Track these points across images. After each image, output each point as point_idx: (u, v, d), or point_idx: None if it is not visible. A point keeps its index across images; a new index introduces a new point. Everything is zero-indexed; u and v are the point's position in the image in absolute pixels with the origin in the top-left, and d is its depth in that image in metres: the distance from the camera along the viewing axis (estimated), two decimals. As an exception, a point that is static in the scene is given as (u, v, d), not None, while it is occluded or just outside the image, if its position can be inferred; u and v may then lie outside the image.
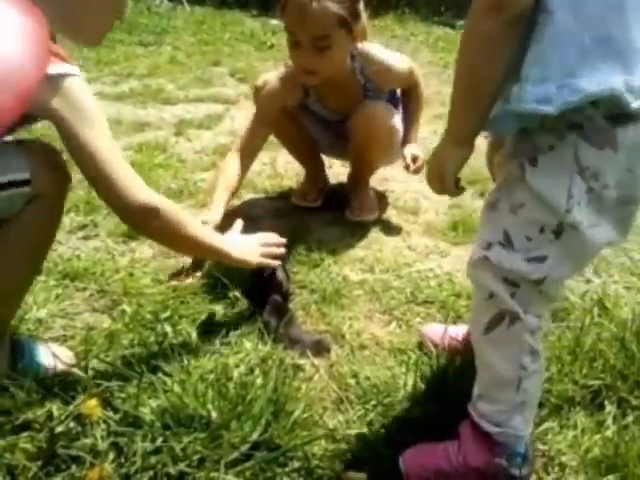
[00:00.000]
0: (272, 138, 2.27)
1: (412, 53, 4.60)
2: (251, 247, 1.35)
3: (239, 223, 1.44)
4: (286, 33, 1.66)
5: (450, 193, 0.97)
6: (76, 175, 1.08)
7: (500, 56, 0.80)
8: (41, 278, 1.45)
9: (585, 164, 0.79)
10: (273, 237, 1.42)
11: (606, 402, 1.12)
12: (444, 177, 0.93)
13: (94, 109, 1.01)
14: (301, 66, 1.70)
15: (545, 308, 0.91)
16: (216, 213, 1.61)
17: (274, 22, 6.31)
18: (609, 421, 1.08)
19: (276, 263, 1.38)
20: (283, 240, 1.43)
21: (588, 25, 0.76)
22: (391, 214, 2.01)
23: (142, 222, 1.09)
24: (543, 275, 0.86)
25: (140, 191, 1.05)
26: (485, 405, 0.94)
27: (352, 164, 2.02)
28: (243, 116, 3.12)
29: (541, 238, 0.85)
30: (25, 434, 0.99)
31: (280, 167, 2.40)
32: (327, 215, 2.00)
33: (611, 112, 0.77)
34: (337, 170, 2.27)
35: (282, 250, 1.40)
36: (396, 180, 2.28)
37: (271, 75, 1.92)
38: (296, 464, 0.96)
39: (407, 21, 6.45)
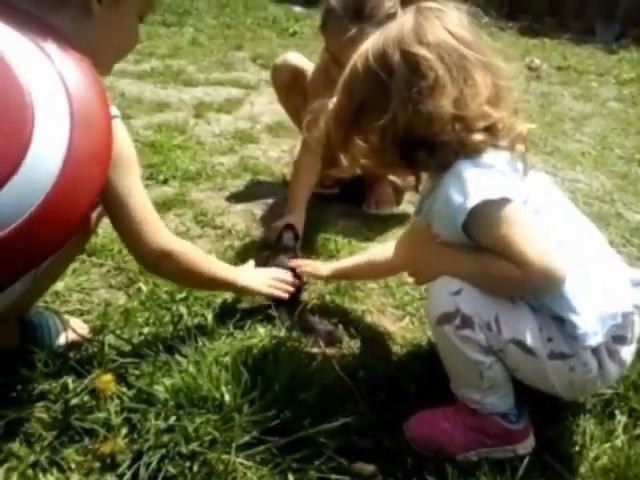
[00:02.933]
0: (291, 125, 2.28)
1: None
2: (262, 278, 1.34)
3: (251, 263, 1.43)
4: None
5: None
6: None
7: None
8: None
9: None
10: (288, 275, 1.40)
11: (617, 412, 1.12)
12: (423, 279, 1.08)
13: (131, 153, 1.02)
14: None
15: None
16: (299, 215, 1.67)
17: (297, 9, 6.27)
18: (619, 430, 1.07)
19: (284, 296, 1.35)
20: (296, 281, 1.40)
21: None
22: (408, 208, 2.00)
23: (157, 267, 1.12)
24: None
25: (160, 238, 1.06)
26: (458, 390, 1.02)
27: None
28: (263, 102, 3.13)
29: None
30: (41, 404, 1.01)
31: (298, 155, 2.39)
32: (344, 207, 2.00)
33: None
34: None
35: (292, 289, 1.38)
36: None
37: (292, 56, 1.92)
38: (306, 452, 0.96)
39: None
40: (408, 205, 2.03)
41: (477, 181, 0.88)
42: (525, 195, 0.92)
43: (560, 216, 0.99)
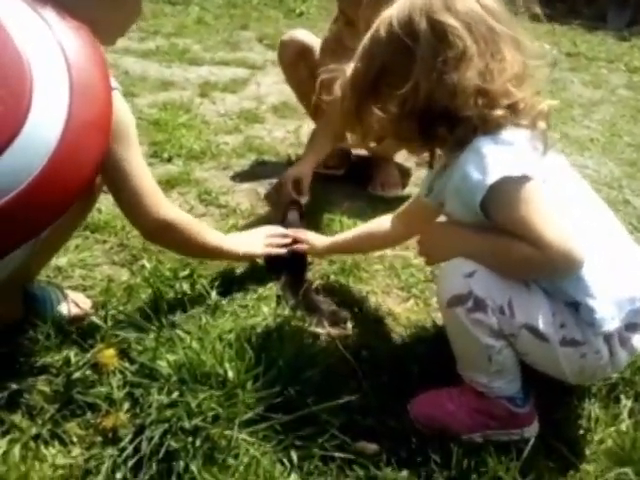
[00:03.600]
0: (297, 105, 2.26)
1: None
2: (256, 239, 1.37)
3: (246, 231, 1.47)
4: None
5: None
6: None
7: None
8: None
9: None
10: (279, 229, 1.44)
11: (622, 396, 1.11)
12: (435, 259, 1.08)
13: (130, 124, 1.01)
14: None
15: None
16: (308, 167, 1.73)
17: (304, -10, 6.17)
18: (624, 414, 1.07)
19: (282, 251, 1.38)
20: (288, 231, 1.43)
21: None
22: (414, 191, 1.98)
23: (156, 236, 1.15)
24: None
25: (160, 209, 1.07)
26: (465, 372, 1.00)
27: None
28: (269, 82, 3.09)
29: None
30: (43, 377, 1.00)
31: (304, 136, 2.36)
32: (349, 188, 1.98)
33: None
34: (362, 144, 2.23)
35: (287, 240, 1.40)
36: (420, 158, 2.25)
37: (299, 32, 1.90)
38: (310, 429, 0.96)
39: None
40: (414, 188, 2.01)
41: (496, 157, 0.86)
42: (544, 174, 0.90)
43: (577, 198, 0.97)
